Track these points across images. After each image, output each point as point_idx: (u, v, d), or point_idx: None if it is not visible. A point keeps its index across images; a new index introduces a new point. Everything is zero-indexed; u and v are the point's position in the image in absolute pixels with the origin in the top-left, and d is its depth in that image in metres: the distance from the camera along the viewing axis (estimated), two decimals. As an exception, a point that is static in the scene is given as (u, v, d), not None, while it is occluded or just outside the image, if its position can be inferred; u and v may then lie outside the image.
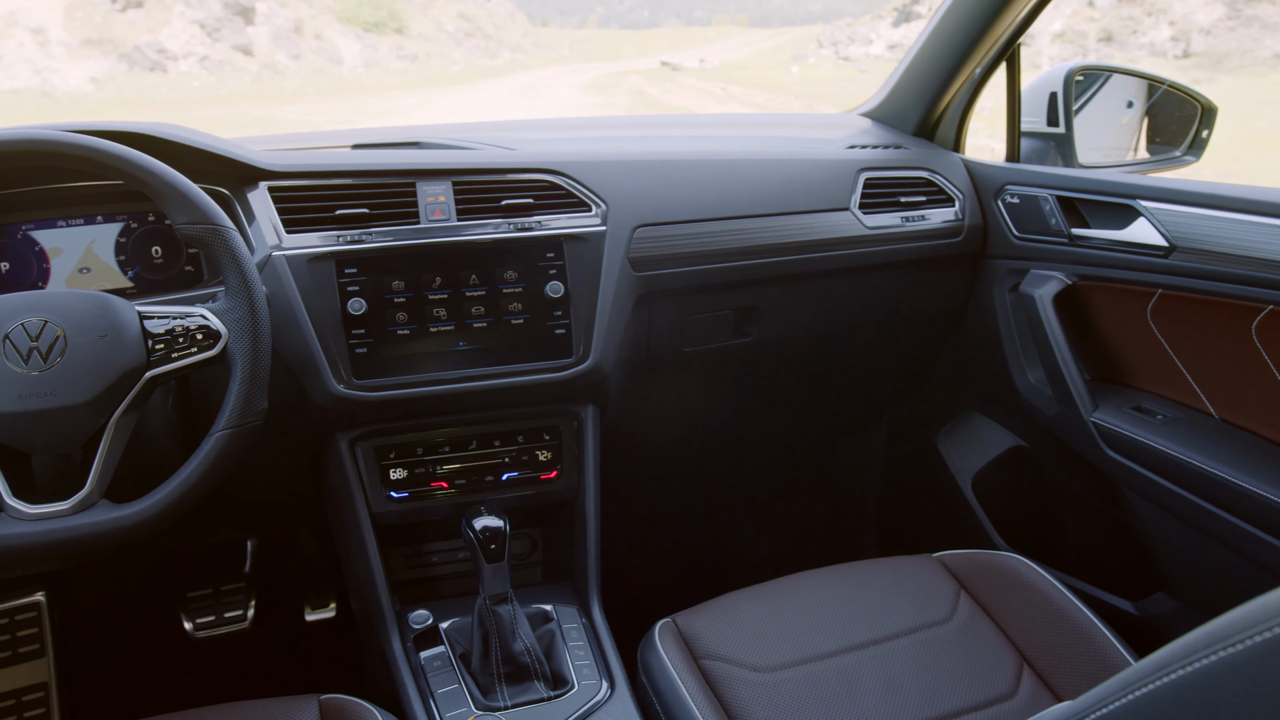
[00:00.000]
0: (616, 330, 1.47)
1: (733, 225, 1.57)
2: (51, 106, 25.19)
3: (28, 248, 1.40)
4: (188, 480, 1.11)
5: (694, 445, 1.96)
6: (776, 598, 1.43)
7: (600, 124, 2.05)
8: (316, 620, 1.86)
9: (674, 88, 27.80)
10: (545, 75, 34.71)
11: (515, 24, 47.67)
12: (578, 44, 51.20)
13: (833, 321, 1.75)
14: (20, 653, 1.81)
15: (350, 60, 35.46)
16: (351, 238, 1.38)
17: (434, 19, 40.92)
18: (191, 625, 1.87)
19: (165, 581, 1.91)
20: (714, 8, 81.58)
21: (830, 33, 38.53)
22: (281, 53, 33.11)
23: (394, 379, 1.38)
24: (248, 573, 1.95)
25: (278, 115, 22.92)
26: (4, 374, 1.06)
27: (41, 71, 26.83)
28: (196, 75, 29.79)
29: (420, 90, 30.13)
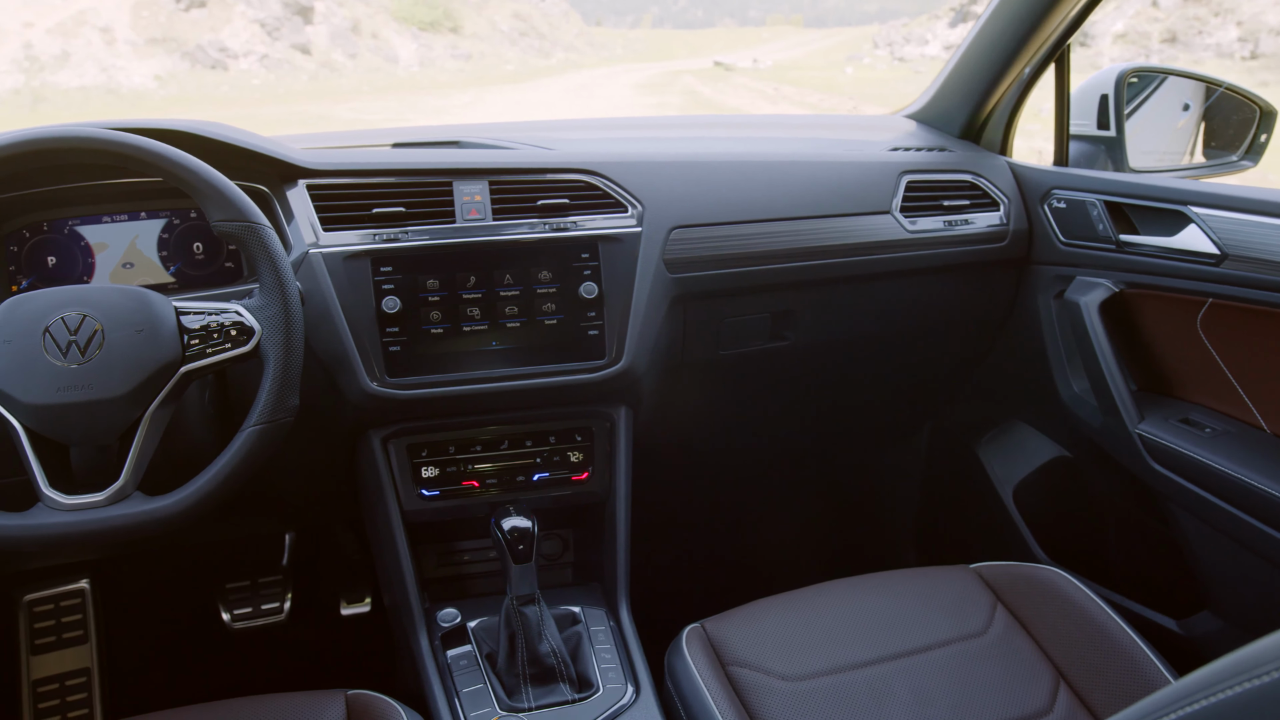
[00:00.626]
0: (650, 332, 1.46)
1: (770, 228, 1.56)
2: (116, 103, 25.82)
3: (74, 242, 1.43)
4: (219, 475, 1.12)
5: (728, 449, 1.94)
6: (807, 606, 1.41)
7: (641, 124, 2.04)
8: (352, 615, 1.88)
9: (726, 88, 27.72)
10: (598, 75, 34.81)
11: (569, 24, 47.88)
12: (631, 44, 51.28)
13: (872, 326, 1.72)
14: (65, 638, 1.85)
15: (405, 59, 35.87)
16: (388, 236, 1.39)
17: (488, 18, 41.23)
18: (229, 616, 1.90)
19: (205, 572, 1.94)
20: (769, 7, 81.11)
21: (885, 33, 38.16)
22: (339, 51, 33.58)
23: (426, 377, 1.38)
24: (285, 566, 1.98)
25: (334, 113, 23.25)
26: (43, 366, 1.07)
27: (108, 69, 27.50)
28: (256, 73, 30.32)
29: (474, 89, 30.38)
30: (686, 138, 1.82)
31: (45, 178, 1.38)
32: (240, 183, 1.39)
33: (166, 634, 1.98)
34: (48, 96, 25.73)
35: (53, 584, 1.89)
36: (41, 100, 25.30)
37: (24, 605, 1.86)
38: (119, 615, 1.92)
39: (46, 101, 25.31)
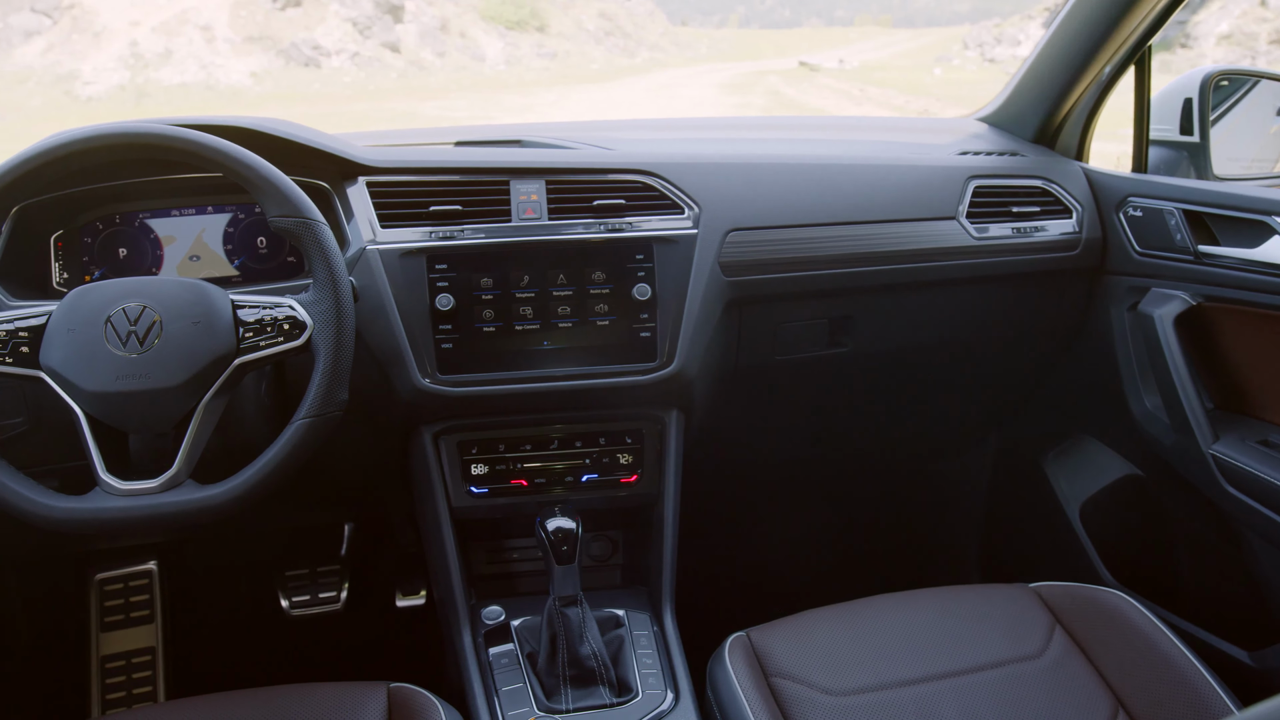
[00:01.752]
0: (703, 335, 1.44)
1: (830, 232, 1.53)
2: (214, 99, 26.68)
3: (144, 235, 1.47)
4: (268, 466, 1.14)
5: (782, 456, 1.91)
6: (856, 619, 1.38)
7: (707, 125, 2.02)
8: (407, 607, 1.90)
9: (811, 88, 27.45)
10: (682, 74, 34.76)
11: (655, 23, 47.93)
12: (716, 43, 51.12)
13: (935, 335, 1.68)
14: (132, 617, 1.91)
15: (492, 58, 36.33)
16: (444, 234, 1.40)
17: (574, 18, 41.54)
18: (287, 603, 1.94)
19: (266, 559, 1.98)
20: (857, 7, 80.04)
21: (976, 34, 37.35)
22: (427, 50, 34.18)
23: (477, 375, 1.39)
24: (344, 556, 2.01)
25: (420, 110, 23.66)
26: (103, 355, 1.11)
27: (207, 66, 28.44)
28: (347, 71, 31.03)
29: (558, 88, 30.62)
30: (748, 139, 1.80)
31: (118, 172, 1.42)
32: (302, 179, 1.42)
33: (227, 617, 2.03)
34: (150, 92, 26.73)
35: (123, 564, 1.95)
36: (145, 96, 26.29)
37: (95, 584, 1.93)
38: (184, 597, 1.98)
39: (149, 97, 26.29)
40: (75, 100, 26.20)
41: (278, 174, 1.18)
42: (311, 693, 1.22)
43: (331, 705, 1.19)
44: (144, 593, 1.94)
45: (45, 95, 26.78)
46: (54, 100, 26.16)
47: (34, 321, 1.13)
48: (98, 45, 28.98)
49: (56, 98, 26.43)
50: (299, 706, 1.19)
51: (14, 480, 1.10)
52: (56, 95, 26.67)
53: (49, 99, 26.35)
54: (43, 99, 26.48)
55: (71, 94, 26.67)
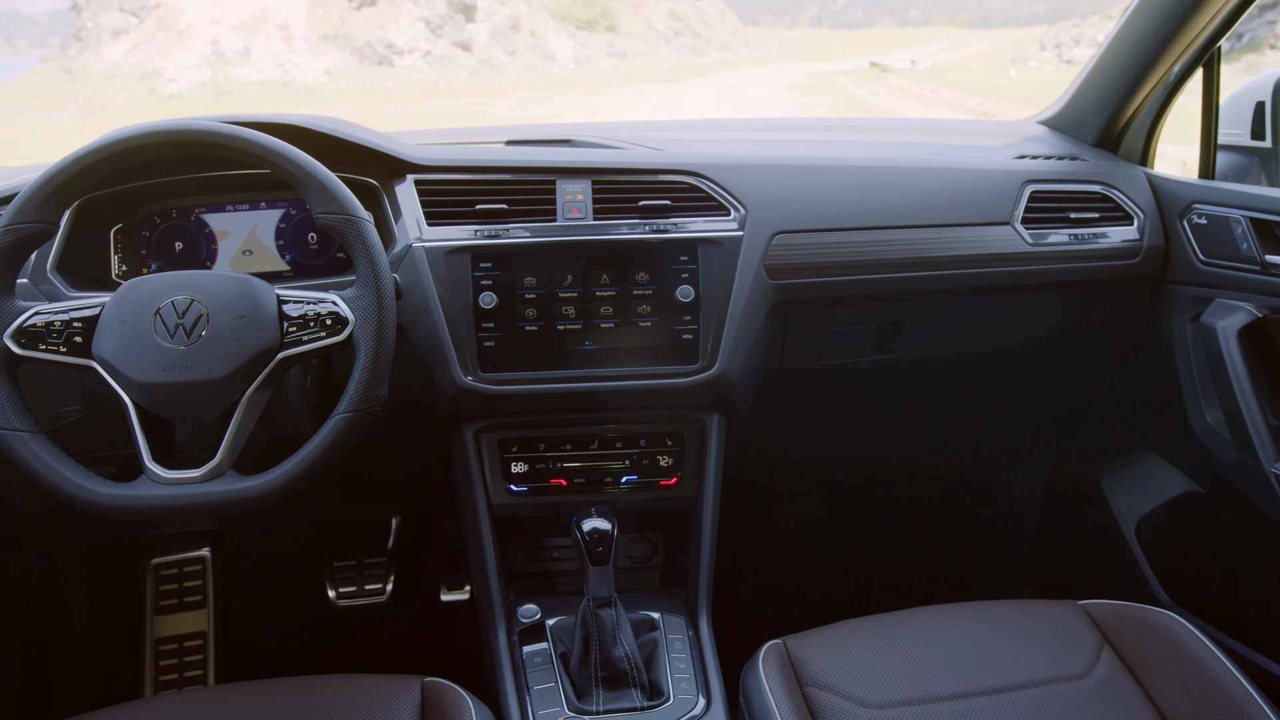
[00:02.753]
0: (746, 338, 1.43)
1: (879, 235, 1.50)
2: (290, 96, 27.30)
3: (199, 229, 1.50)
4: (307, 459, 1.15)
5: (826, 463, 1.88)
6: (895, 630, 1.35)
7: (760, 126, 2.01)
8: (451, 601, 1.91)
9: (881, 89, 27.13)
10: (751, 74, 34.63)
11: (725, 23, 47.78)
12: (786, 43, 50.80)
13: (988, 343, 1.64)
14: (185, 601, 1.96)
15: (562, 57, 36.59)
16: (489, 232, 1.40)
17: (644, 17, 41.61)
18: (334, 594, 1.97)
19: (315, 550, 2.02)
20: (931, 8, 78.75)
21: (1054, 34, 36.56)
22: (498, 49, 34.55)
23: (518, 374, 1.39)
24: (391, 549, 2.04)
25: (489, 108, 23.93)
26: (152, 347, 1.13)
27: (284, 64, 29.10)
28: (419, 69, 31.51)
29: (627, 87, 30.73)
30: (799, 140, 1.78)
31: (175, 168, 1.45)
32: (352, 176, 1.44)
33: (276, 605, 2.07)
34: (229, 89, 27.44)
35: (178, 550, 2.00)
36: (224, 93, 27.01)
37: (151, 568, 1.98)
38: (235, 583, 2.02)
39: (228, 94, 27.00)
40: (158, 97, 27.02)
41: (324, 171, 1.19)
42: (347, 684, 1.23)
43: (366, 696, 1.20)
44: (198, 578, 1.99)
45: (131, 92, 27.66)
46: (139, 97, 27.01)
47: (88, 312, 1.17)
48: (181, 44, 29.85)
49: (141, 94, 27.29)
50: (334, 696, 1.20)
51: (64, 466, 1.13)
52: (141, 92, 27.53)
53: (134, 95, 27.21)
54: (128, 96, 27.36)
55: (155, 91, 27.52)
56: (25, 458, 1.12)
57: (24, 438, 1.13)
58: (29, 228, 1.15)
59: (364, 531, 2.05)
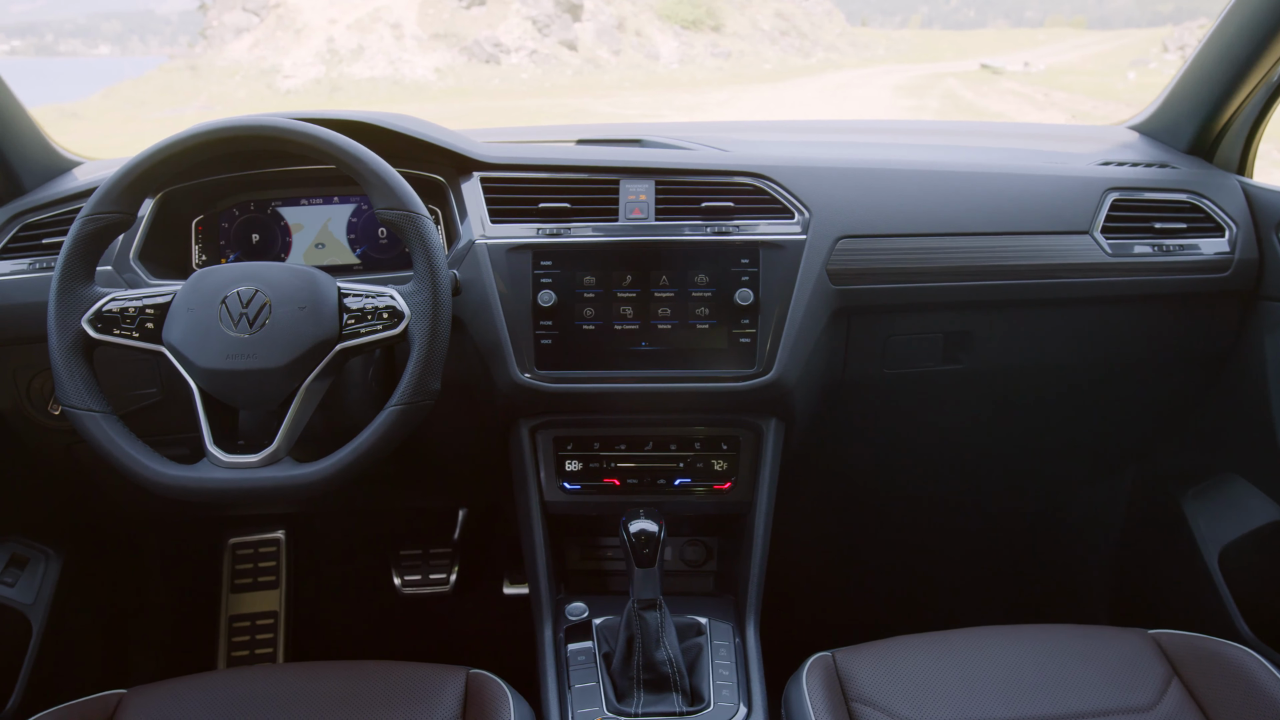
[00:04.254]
0: (806, 344, 1.40)
1: (948, 242, 1.46)
2: (400, 93, 28.01)
3: (275, 222, 1.55)
4: (359, 449, 1.18)
5: (891, 474, 1.84)
6: (950, 648, 1.31)
7: (836, 128, 1.97)
8: (513, 595, 1.93)
9: (990, 91, 26.41)
10: (857, 75, 34.09)
11: (832, 23, 47.16)
12: (895, 44, 49.87)
13: (1062, 357, 1.57)
14: (259, 581, 2.03)
15: (666, 56, 36.63)
16: (551, 231, 1.41)
17: (750, 17, 41.38)
18: (400, 581, 2.02)
19: (383, 537, 2.06)
20: (1048, 8, 75.99)
21: (1179, 35, 35.01)
22: (603, 48, 34.79)
23: (574, 372, 1.40)
24: (456, 540, 2.07)
25: (593, 107, 24.12)
26: (217, 335, 1.17)
27: (395, 62, 29.87)
28: (525, 68, 31.96)
29: (730, 87, 30.59)
30: (873, 143, 1.74)
31: (250, 162, 1.50)
32: (420, 173, 1.47)
33: (344, 589, 2.13)
34: (342, 86, 28.30)
35: (255, 531, 2.07)
36: (337, 89, 27.86)
37: (229, 548, 2.06)
38: (307, 566, 2.09)
39: (341, 91, 27.83)
40: (275, 93, 28.03)
41: (385, 167, 1.22)
42: (395, 670, 1.26)
43: (412, 684, 1.23)
44: (272, 559, 2.06)
45: (250, 88, 28.76)
46: (257, 93, 28.06)
47: (160, 300, 1.22)
48: (298, 41, 30.91)
49: (260, 90, 28.35)
50: (381, 682, 1.23)
51: (131, 446, 1.18)
52: (260, 88, 28.60)
53: (253, 91, 28.29)
54: (248, 91, 28.45)
55: (273, 87, 28.55)
56: (96, 436, 1.18)
57: (96, 418, 1.19)
58: (107, 218, 1.20)
59: (431, 522, 2.09)
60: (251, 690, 1.22)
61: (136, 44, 75.79)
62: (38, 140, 1.57)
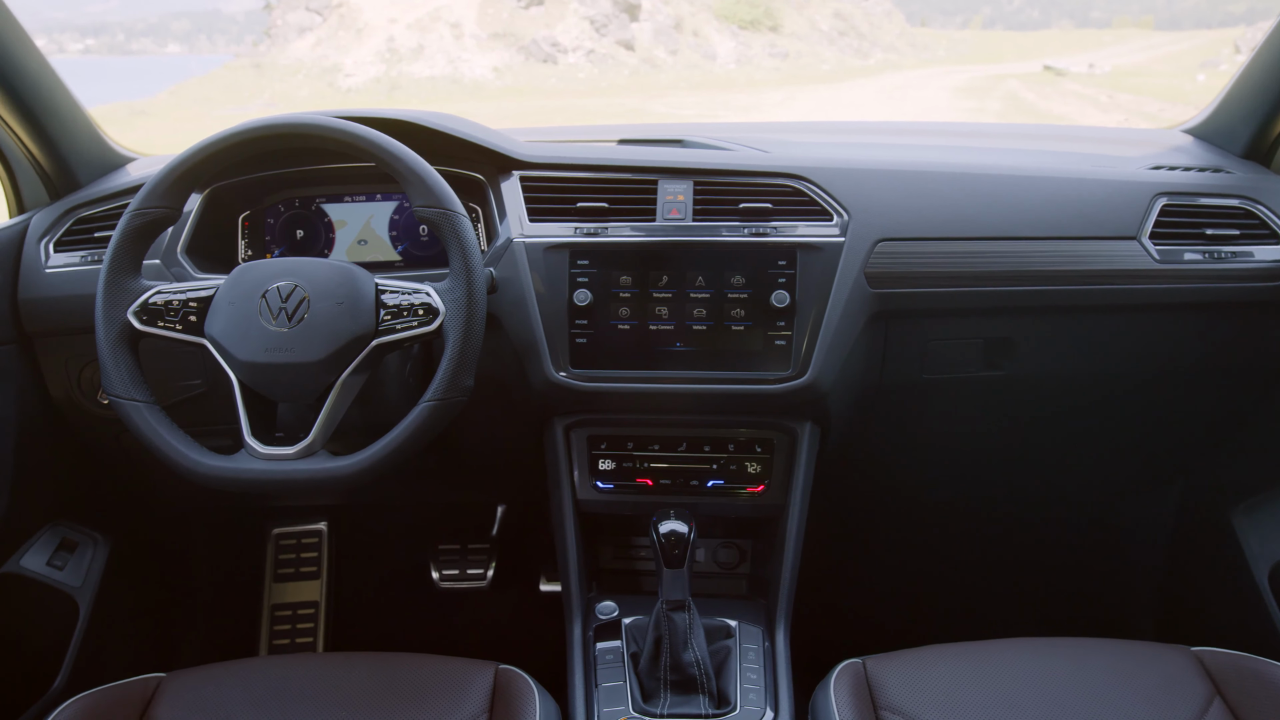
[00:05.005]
0: (841, 347, 1.39)
1: (990, 247, 1.43)
2: (458, 92, 28.30)
3: (319, 219, 1.58)
4: (391, 444, 1.19)
5: (926, 480, 1.81)
6: (984, 659, 1.29)
7: (883, 129, 1.95)
8: (549, 592, 1.94)
9: (1053, 93, 25.95)
10: (916, 77, 33.71)
11: (891, 24, 46.67)
12: (955, 45, 49.21)
13: (1107, 365, 1.54)
14: (302, 571, 2.06)
15: (723, 56, 36.56)
16: (588, 230, 1.41)
17: (809, 18, 41.11)
18: (438, 575, 2.04)
19: (423, 531, 2.09)
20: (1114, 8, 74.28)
21: (1251, 36, 34.06)
22: (660, 48, 34.83)
23: (608, 371, 1.40)
24: (494, 536, 2.09)
25: (649, 106, 24.16)
26: (256, 328, 1.19)
27: (454, 61, 30.19)
28: (582, 67, 32.10)
29: (787, 88, 30.45)
30: (916, 145, 1.71)
31: (294, 159, 1.53)
32: (461, 171, 1.49)
33: (383, 581, 2.15)
34: (402, 85, 28.67)
35: (298, 522, 2.11)
36: (396, 88, 28.23)
37: (272, 538, 2.10)
38: (348, 557, 2.12)
39: (400, 89, 28.21)
40: (336, 91, 28.48)
41: (423, 165, 1.23)
42: (426, 663, 1.27)
43: (441, 677, 1.24)
44: (314, 550, 2.09)
45: (312, 86, 29.27)
46: (319, 91, 28.54)
47: (203, 293, 1.24)
48: (359, 41, 31.38)
49: (321, 89, 28.83)
50: (412, 674, 1.24)
51: (172, 435, 1.21)
52: (321, 86, 29.09)
53: (315, 90, 28.78)
54: (310, 90, 28.95)
55: (334, 85, 29.03)
56: (139, 425, 1.21)
57: (139, 407, 1.21)
58: (154, 212, 1.23)
59: (470, 518, 2.11)
60: (285, 678, 1.24)
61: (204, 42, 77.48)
62: (92, 136, 1.62)
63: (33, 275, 1.51)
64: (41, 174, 1.55)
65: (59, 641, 1.59)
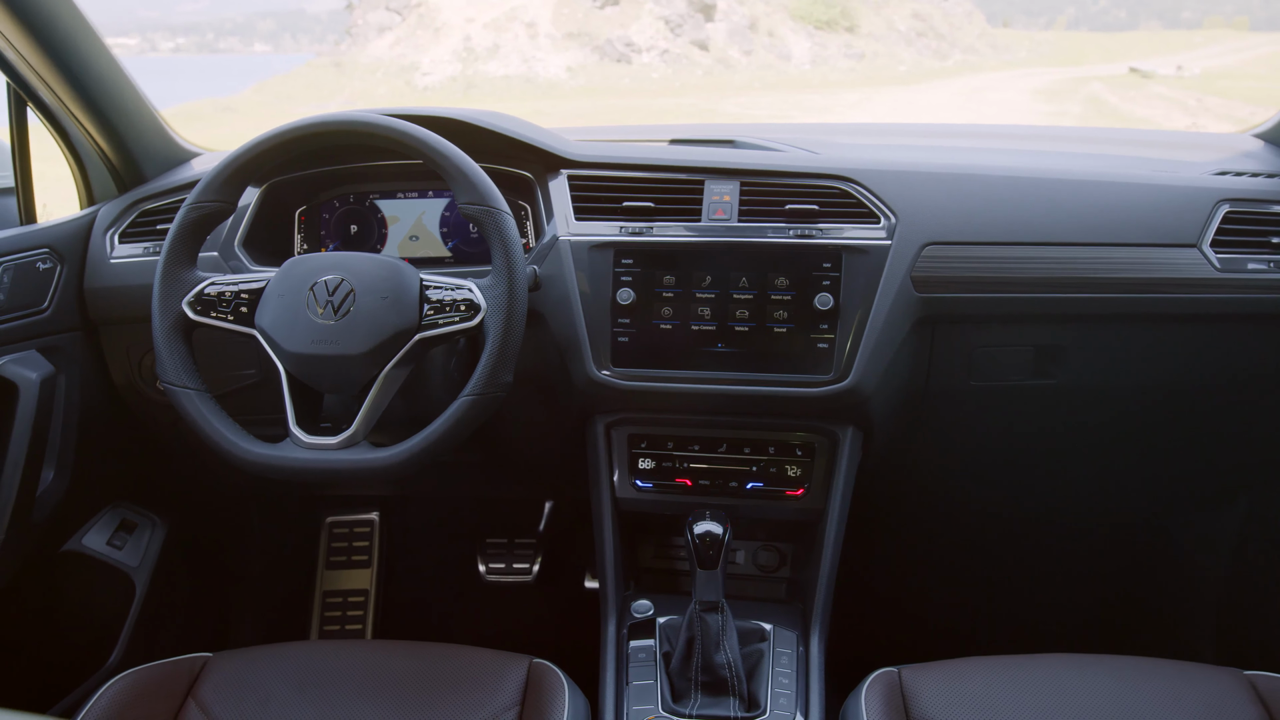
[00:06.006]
0: (885, 352, 1.37)
1: (1041, 252, 1.40)
2: (532, 91, 28.55)
3: (373, 214, 1.61)
4: (431, 437, 1.21)
5: (972, 488, 1.77)
6: (1023, 673, 1.26)
7: (940, 131, 1.92)
8: (593, 589, 1.96)
9: (1138, 96, 25.21)
10: (995, 78, 33.02)
11: (972, 24, 45.81)
12: (1038, 46, 48.08)
13: (1164, 376, 1.49)
14: (353, 559, 2.11)
15: (798, 57, 36.28)
16: (634, 229, 1.42)
17: (886, 18, 40.58)
18: (484, 568, 2.06)
19: (471, 524, 2.12)
20: (1206, 8, 71.60)
21: (1352, 39, 32.65)
22: (735, 48, 34.69)
23: (649, 371, 1.40)
24: (541, 532, 2.10)
25: (720, 107, 24.08)
26: (304, 320, 1.22)
27: (528, 60, 30.46)
28: (656, 67, 32.13)
29: (862, 89, 30.08)
30: (970, 148, 1.68)
31: (353, 156, 1.56)
32: (510, 169, 1.50)
33: (431, 572, 2.19)
34: (477, 84, 29.02)
35: (351, 511, 2.15)
36: (471, 86, 28.59)
37: (326, 526, 2.14)
38: (398, 547, 2.16)
39: (475, 88, 28.56)
40: (413, 89, 28.96)
41: (468, 163, 1.25)
42: (462, 654, 1.29)
43: (477, 668, 1.26)
44: (366, 539, 2.14)
45: (390, 85, 29.80)
46: (396, 89, 29.05)
47: (255, 285, 1.28)
48: (437, 40, 31.86)
49: (399, 87, 29.34)
50: (448, 665, 1.26)
51: (220, 422, 1.24)
52: (399, 85, 29.60)
53: (392, 88, 29.30)
54: (388, 88, 29.49)
55: (411, 84, 29.51)
56: (189, 411, 1.25)
57: (190, 394, 1.25)
58: (209, 206, 1.27)
59: (519, 513, 2.13)
60: (325, 662, 1.27)
61: (289, 41, 79.41)
62: (159, 132, 1.67)
63: (98, 265, 1.57)
64: (110, 168, 1.61)
65: (116, 618, 1.65)
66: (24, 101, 1.48)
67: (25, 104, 1.49)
